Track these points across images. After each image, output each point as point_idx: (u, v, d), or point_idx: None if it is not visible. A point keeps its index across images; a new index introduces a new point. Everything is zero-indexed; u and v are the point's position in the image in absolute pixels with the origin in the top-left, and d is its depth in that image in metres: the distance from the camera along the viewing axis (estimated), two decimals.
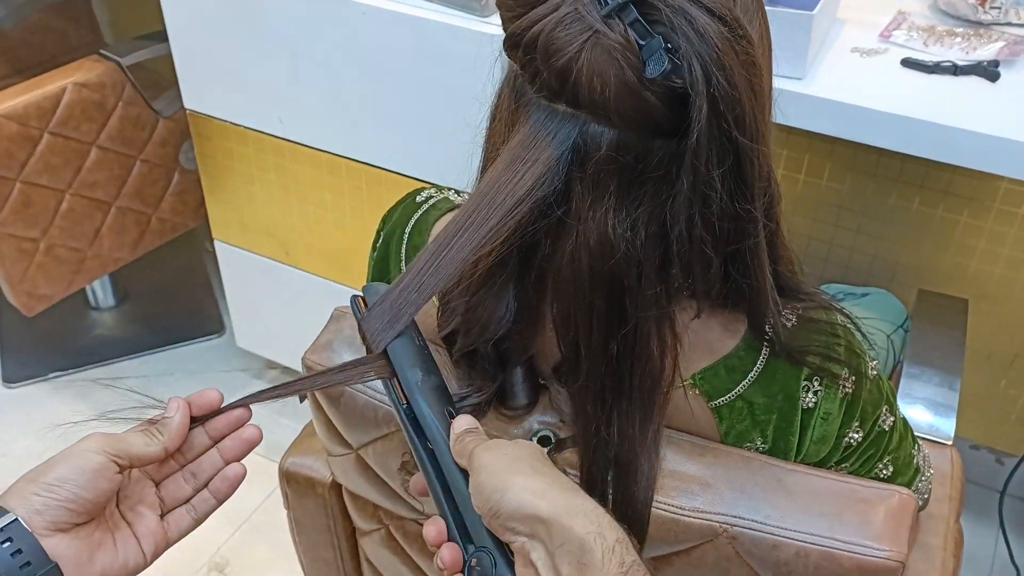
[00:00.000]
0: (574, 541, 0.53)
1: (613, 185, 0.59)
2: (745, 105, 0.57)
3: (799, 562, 0.65)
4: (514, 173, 0.61)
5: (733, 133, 0.57)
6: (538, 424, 0.72)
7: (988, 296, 1.53)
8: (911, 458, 0.81)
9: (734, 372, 0.69)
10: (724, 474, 0.68)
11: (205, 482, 0.68)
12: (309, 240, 1.66)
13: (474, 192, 0.63)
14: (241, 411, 0.68)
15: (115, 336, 2.15)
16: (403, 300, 0.65)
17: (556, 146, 0.59)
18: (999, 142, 1.01)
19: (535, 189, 0.60)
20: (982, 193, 1.45)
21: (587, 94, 0.56)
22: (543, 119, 0.60)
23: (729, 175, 0.59)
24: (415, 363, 0.65)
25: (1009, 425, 1.67)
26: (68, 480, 0.60)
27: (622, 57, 0.55)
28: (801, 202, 1.60)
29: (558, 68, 0.57)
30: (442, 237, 0.63)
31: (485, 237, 0.61)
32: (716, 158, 0.58)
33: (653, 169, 0.59)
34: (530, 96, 0.61)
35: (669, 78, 0.55)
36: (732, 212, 0.61)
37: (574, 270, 0.62)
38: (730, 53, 0.56)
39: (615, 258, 0.61)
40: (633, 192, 0.60)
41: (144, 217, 1.86)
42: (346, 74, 1.40)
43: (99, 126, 1.70)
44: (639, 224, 0.60)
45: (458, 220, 0.63)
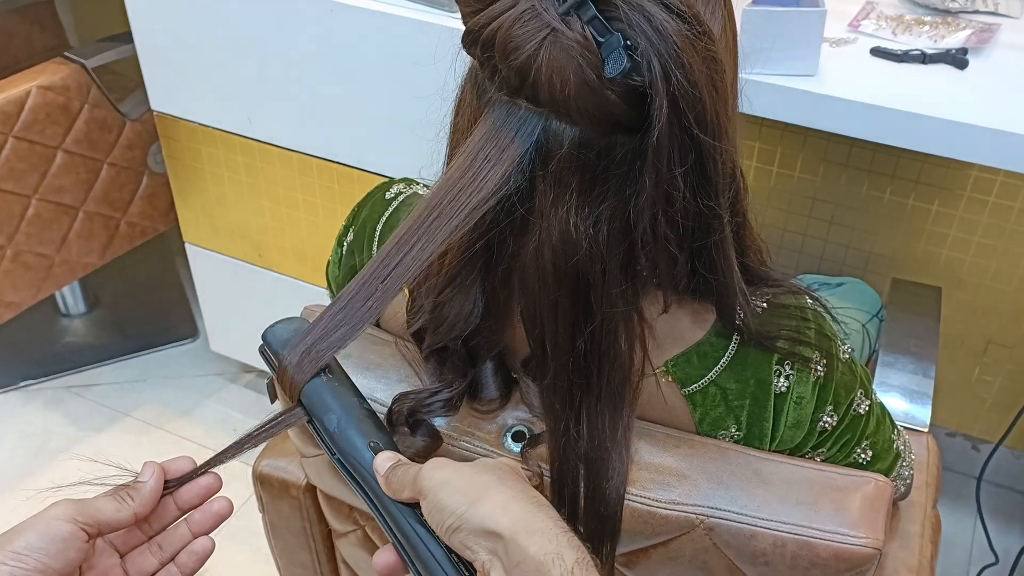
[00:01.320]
0: (530, 561, 0.52)
1: (575, 182, 0.59)
2: (706, 102, 0.57)
3: (776, 552, 0.65)
4: (476, 171, 0.60)
5: (694, 131, 0.57)
6: (512, 419, 0.71)
7: (960, 284, 1.54)
8: (891, 443, 0.81)
9: (706, 358, 0.68)
10: (700, 465, 0.67)
11: (172, 555, 0.66)
12: (282, 241, 1.65)
13: (435, 188, 0.62)
14: (212, 479, 0.66)
15: (86, 343, 2.13)
16: (324, 340, 0.63)
17: (519, 143, 0.58)
18: (968, 129, 1.01)
19: (498, 188, 0.59)
20: (952, 182, 1.46)
21: (547, 92, 0.56)
22: (504, 116, 0.59)
23: (692, 173, 0.59)
24: (329, 406, 0.62)
25: (984, 411, 1.68)
26: (36, 549, 0.58)
27: (580, 55, 0.54)
28: (774, 194, 1.60)
29: (517, 66, 0.56)
30: (389, 246, 0.62)
31: (445, 239, 0.60)
32: (678, 156, 0.57)
33: (616, 166, 0.58)
34: (491, 92, 0.60)
35: (629, 76, 0.54)
36: (696, 209, 0.60)
37: (538, 267, 0.62)
38: (690, 50, 0.55)
39: (578, 255, 0.60)
40: (596, 189, 0.59)
41: (113, 221, 1.84)
42: (315, 72, 1.39)
43: (65, 130, 1.68)
44: (602, 221, 0.59)
45: (415, 220, 0.61)
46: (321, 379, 0.63)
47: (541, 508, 0.55)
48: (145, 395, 1.99)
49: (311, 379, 0.63)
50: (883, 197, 1.52)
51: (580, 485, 0.67)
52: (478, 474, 0.57)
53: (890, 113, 1.04)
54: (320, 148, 1.48)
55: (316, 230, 1.59)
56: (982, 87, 1.08)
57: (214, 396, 1.98)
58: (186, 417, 1.94)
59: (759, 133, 1.55)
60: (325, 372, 0.63)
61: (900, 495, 0.88)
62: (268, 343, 0.67)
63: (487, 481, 0.56)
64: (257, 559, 1.62)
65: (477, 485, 0.56)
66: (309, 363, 0.63)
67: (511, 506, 0.54)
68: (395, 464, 0.60)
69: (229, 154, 1.58)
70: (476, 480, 0.56)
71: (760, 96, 1.08)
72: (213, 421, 1.92)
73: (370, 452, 0.61)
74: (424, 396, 0.71)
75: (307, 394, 0.63)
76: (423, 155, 0.82)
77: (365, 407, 0.64)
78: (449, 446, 0.71)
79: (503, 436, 0.70)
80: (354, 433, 0.62)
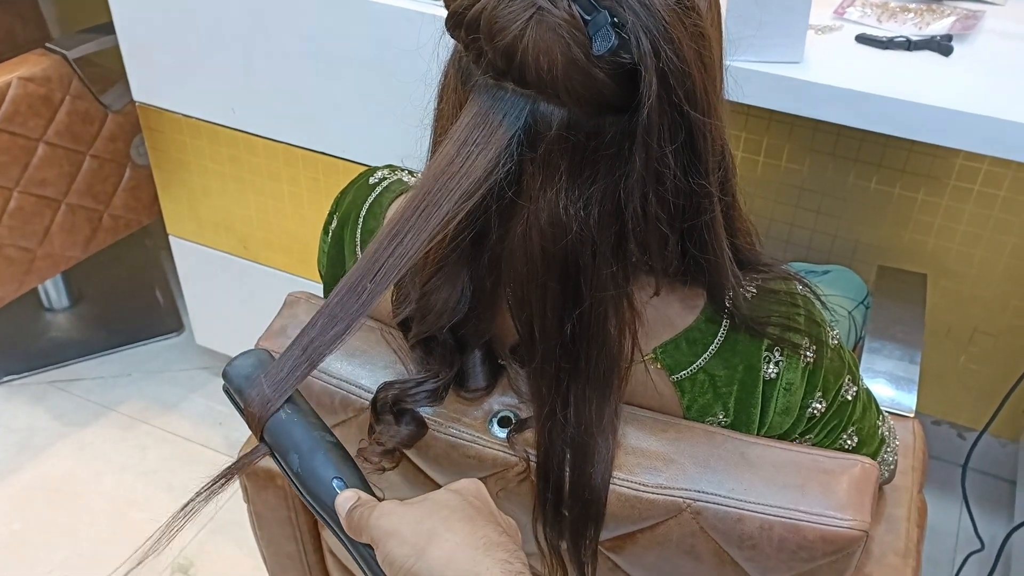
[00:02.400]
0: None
1: (564, 164, 0.58)
2: (695, 79, 0.56)
3: (763, 535, 0.65)
4: (465, 157, 0.59)
5: (684, 108, 0.56)
6: (498, 405, 0.71)
7: (946, 272, 1.55)
8: (876, 429, 0.81)
9: (695, 345, 0.68)
10: (687, 449, 0.67)
11: None
12: (267, 233, 1.64)
13: (423, 178, 0.61)
14: None
15: (70, 338, 2.11)
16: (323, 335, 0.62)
17: (507, 127, 0.58)
18: (953, 115, 1.01)
19: (487, 174, 0.58)
20: (938, 170, 1.46)
21: (534, 73, 0.55)
22: (491, 99, 0.58)
23: (682, 151, 0.58)
24: (291, 445, 0.61)
25: (970, 400, 1.69)
26: None
27: (568, 34, 0.53)
28: (762, 184, 1.60)
29: (503, 48, 0.55)
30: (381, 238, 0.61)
31: (436, 227, 0.59)
32: (668, 134, 0.57)
33: (605, 147, 0.58)
34: (476, 76, 0.59)
35: (617, 54, 0.54)
36: (687, 188, 0.60)
37: (526, 251, 0.61)
38: (678, 25, 0.55)
39: (567, 238, 0.59)
40: (586, 171, 0.58)
41: (96, 214, 1.82)
42: (299, 61, 1.38)
43: (46, 121, 1.66)
44: (592, 202, 0.59)
45: (406, 211, 0.60)
46: (282, 414, 0.62)
47: (489, 551, 0.55)
48: (130, 390, 1.98)
49: (271, 415, 0.62)
50: (869, 186, 1.52)
51: (566, 470, 0.66)
52: (426, 518, 0.56)
53: (875, 100, 1.04)
54: (305, 139, 1.47)
55: (302, 222, 1.58)
56: (966, 74, 1.08)
57: (200, 390, 1.97)
58: (172, 411, 1.92)
59: (745, 123, 1.55)
60: (286, 406, 0.62)
61: (885, 480, 0.88)
62: (230, 379, 0.65)
63: (432, 528, 0.56)
64: (244, 553, 1.61)
65: (423, 534, 0.55)
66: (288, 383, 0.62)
67: (456, 556, 0.54)
68: (353, 506, 0.59)
69: (213, 145, 1.57)
70: (422, 528, 0.56)
71: (746, 83, 1.08)
72: (199, 415, 1.91)
73: (334, 490, 0.60)
74: (410, 385, 0.71)
75: (269, 431, 0.62)
76: (409, 144, 0.82)
77: (328, 439, 0.62)
78: (435, 433, 0.71)
79: (489, 422, 0.70)
80: (318, 470, 0.61)
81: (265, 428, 0.62)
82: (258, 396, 0.63)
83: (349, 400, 0.73)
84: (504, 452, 0.69)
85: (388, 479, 0.75)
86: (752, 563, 0.66)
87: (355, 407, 0.73)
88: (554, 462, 0.66)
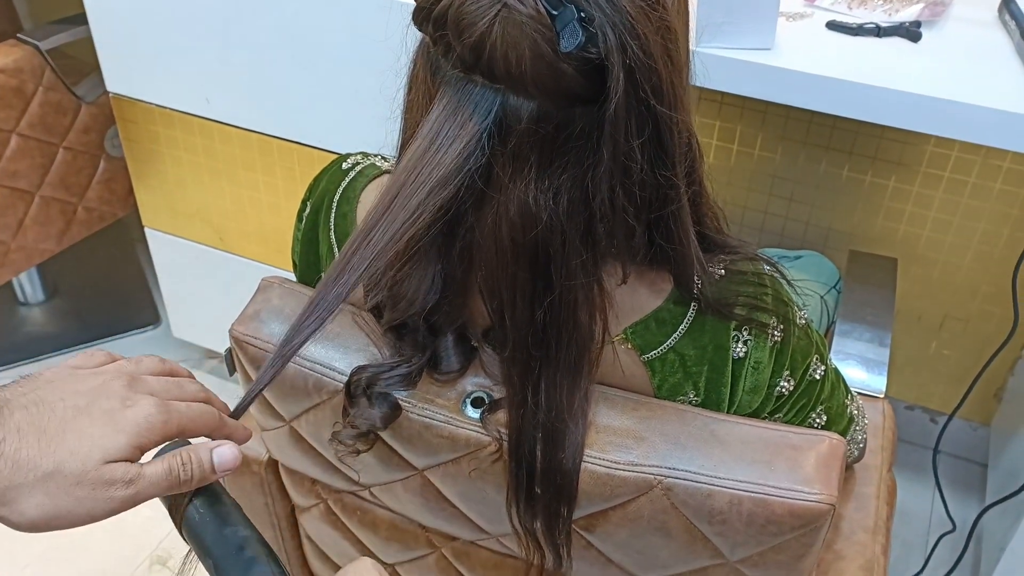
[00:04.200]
0: None
1: (534, 156, 0.59)
2: (662, 73, 0.57)
3: (733, 510, 0.66)
4: (436, 150, 0.60)
5: (651, 102, 0.57)
6: (471, 386, 0.71)
7: (917, 259, 1.57)
8: (844, 408, 0.82)
9: (664, 325, 0.69)
10: (658, 427, 0.68)
11: None
12: (243, 224, 1.63)
13: (397, 172, 0.62)
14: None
15: (46, 332, 2.09)
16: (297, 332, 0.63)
17: (476, 121, 0.58)
18: (921, 100, 1.02)
19: (459, 167, 0.59)
20: (909, 158, 1.48)
21: (503, 68, 0.56)
22: (460, 92, 0.59)
23: (649, 144, 0.59)
24: (203, 550, 0.61)
25: (941, 385, 1.71)
26: None
27: (535, 30, 0.54)
28: (735, 173, 1.62)
29: (470, 44, 0.56)
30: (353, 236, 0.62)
31: (408, 218, 0.60)
32: (635, 128, 0.57)
33: (575, 138, 0.58)
34: (445, 69, 0.59)
35: (584, 49, 0.54)
36: (653, 181, 0.61)
37: (496, 242, 0.62)
38: (644, 20, 0.55)
39: (537, 228, 0.60)
40: (556, 162, 0.59)
41: (70, 207, 1.81)
42: (274, 50, 1.37)
43: (19, 113, 1.65)
44: (561, 192, 0.60)
45: (378, 206, 0.61)
46: (195, 514, 0.61)
47: None
48: None
49: (185, 512, 0.62)
50: (841, 174, 1.54)
51: (537, 454, 0.67)
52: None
53: (845, 85, 1.05)
54: (280, 128, 1.46)
55: (278, 212, 1.58)
56: (935, 59, 1.09)
57: None
58: None
59: (719, 112, 1.56)
60: (198, 503, 0.62)
61: (854, 458, 0.89)
62: None
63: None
64: None
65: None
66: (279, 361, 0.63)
67: None
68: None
69: (187, 136, 1.56)
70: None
71: (717, 70, 1.09)
72: None
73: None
74: (383, 369, 0.71)
75: (187, 531, 0.62)
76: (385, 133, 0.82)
77: (241, 533, 0.61)
78: (408, 414, 0.71)
79: (462, 403, 0.71)
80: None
81: (183, 528, 0.62)
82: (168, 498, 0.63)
83: (323, 383, 0.73)
84: (477, 432, 0.69)
85: (363, 460, 0.76)
86: (722, 538, 0.67)
87: (329, 390, 0.73)
88: (526, 447, 0.67)
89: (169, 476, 0.59)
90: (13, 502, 0.54)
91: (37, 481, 0.54)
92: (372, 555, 0.89)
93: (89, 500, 0.55)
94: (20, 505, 0.54)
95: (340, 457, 0.76)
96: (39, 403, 0.57)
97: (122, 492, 0.56)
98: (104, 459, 0.56)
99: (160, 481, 0.58)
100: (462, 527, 0.78)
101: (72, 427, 0.56)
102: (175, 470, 0.59)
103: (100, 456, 0.56)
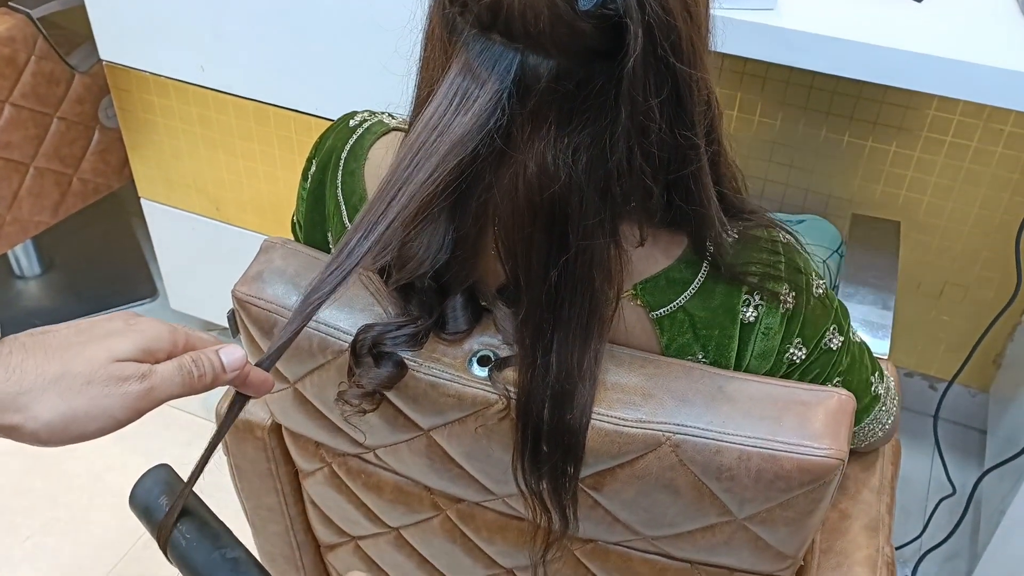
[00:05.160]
0: None
1: (553, 115, 0.58)
2: (681, 30, 0.56)
3: (741, 465, 0.65)
4: (456, 111, 0.59)
5: (670, 60, 0.56)
6: (478, 344, 0.71)
7: (918, 224, 1.56)
8: (868, 384, 0.81)
9: (675, 284, 0.68)
10: (665, 384, 0.68)
11: None
12: (240, 194, 1.62)
13: (417, 131, 0.61)
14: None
15: (43, 306, 2.09)
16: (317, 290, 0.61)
17: (496, 80, 0.58)
18: (925, 59, 1.02)
19: (480, 125, 0.58)
20: (910, 122, 1.47)
21: (521, 27, 0.55)
22: (479, 52, 0.58)
23: (668, 103, 0.58)
24: (190, 573, 0.60)
25: (941, 351, 1.71)
26: None
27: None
28: (735, 140, 1.60)
29: (488, 3, 0.55)
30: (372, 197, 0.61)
31: (427, 178, 0.60)
32: (654, 87, 0.57)
33: (594, 97, 0.58)
34: (462, 28, 0.59)
35: (603, 6, 0.54)
36: (672, 141, 0.60)
37: (512, 201, 0.61)
38: None
39: (554, 188, 0.59)
40: (574, 120, 0.58)
41: (64, 178, 1.80)
42: (269, 16, 1.36)
43: (11, 83, 1.63)
44: (580, 151, 0.59)
45: (400, 163, 0.61)
46: (181, 539, 0.61)
47: None
48: None
49: (170, 537, 0.61)
50: (842, 139, 1.53)
51: (544, 413, 0.66)
52: None
53: (849, 45, 1.04)
54: (276, 96, 1.45)
55: (275, 182, 1.57)
56: (938, 18, 1.09)
57: None
58: None
59: (719, 78, 1.55)
60: (183, 527, 0.61)
61: (877, 439, 0.88)
62: (137, 502, 0.65)
63: None
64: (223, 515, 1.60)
65: None
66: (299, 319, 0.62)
67: None
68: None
69: (182, 105, 1.55)
70: None
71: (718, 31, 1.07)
72: None
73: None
74: (390, 328, 0.70)
75: (173, 555, 0.61)
76: (383, 101, 0.81)
77: (230, 555, 0.61)
78: (414, 373, 0.71)
79: (469, 361, 0.70)
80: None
81: (168, 551, 0.61)
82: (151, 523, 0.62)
83: (328, 343, 0.73)
84: (484, 391, 0.69)
85: (368, 422, 0.75)
86: (730, 495, 0.67)
87: (333, 349, 0.73)
88: (534, 406, 0.67)
89: (181, 371, 0.58)
90: (26, 407, 0.53)
91: (48, 384, 0.54)
92: (376, 518, 0.89)
93: (103, 398, 0.55)
94: (34, 409, 0.53)
95: (346, 418, 0.75)
96: (44, 331, 0.58)
97: (136, 386, 0.56)
98: (112, 358, 0.55)
99: (173, 376, 0.58)
100: (467, 488, 0.78)
101: (76, 341, 0.56)
102: (186, 366, 0.59)
103: (107, 356, 0.55)
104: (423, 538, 0.87)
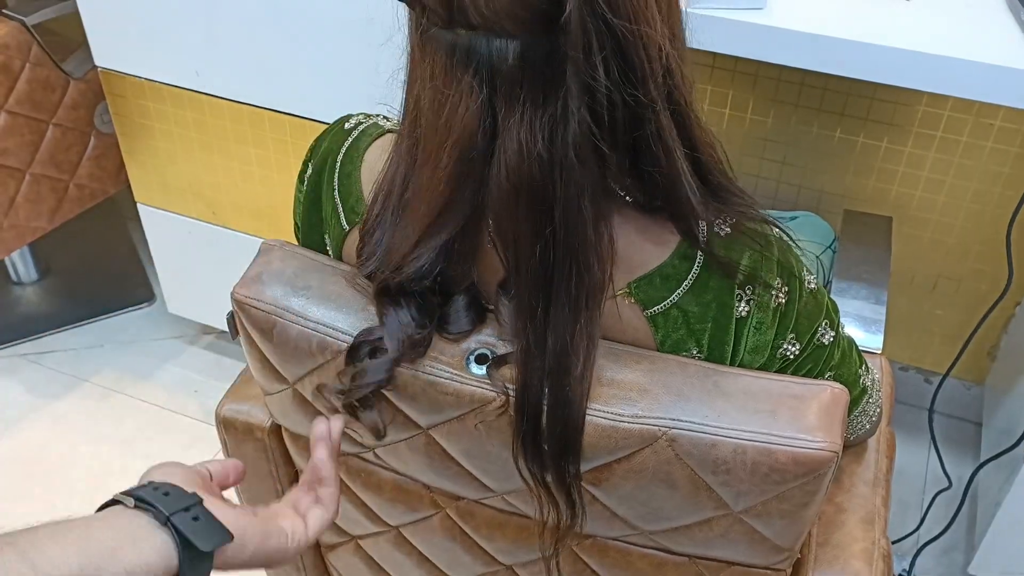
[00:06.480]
0: None
1: (526, 93, 0.59)
2: None
3: (737, 459, 0.66)
4: (442, 113, 0.61)
5: (608, 16, 0.57)
6: (475, 343, 0.71)
7: (910, 219, 1.57)
8: (857, 377, 0.82)
9: (669, 280, 0.69)
10: (661, 380, 0.68)
11: None
12: (236, 198, 1.63)
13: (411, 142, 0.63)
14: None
15: (40, 311, 2.09)
16: None
17: (471, 72, 0.59)
18: (915, 56, 1.03)
19: (476, 120, 0.60)
20: (901, 118, 1.48)
21: (475, 12, 0.57)
22: (447, 48, 0.60)
23: (612, 60, 0.59)
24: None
25: (935, 345, 1.72)
26: None
27: None
28: (727, 137, 1.62)
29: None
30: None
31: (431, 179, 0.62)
32: (596, 44, 0.58)
33: (558, 68, 0.59)
34: (429, 29, 0.60)
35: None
36: (621, 100, 0.61)
37: (498, 187, 0.62)
38: None
39: (533, 165, 0.60)
40: (546, 95, 0.60)
41: (61, 184, 1.80)
42: (263, 21, 1.36)
43: (6, 90, 1.63)
44: (550, 126, 0.60)
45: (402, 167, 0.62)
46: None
47: None
48: (103, 360, 1.97)
49: None
50: (833, 136, 1.54)
51: (543, 403, 0.67)
52: None
53: (839, 43, 1.05)
54: (271, 100, 1.46)
55: (270, 185, 1.57)
56: (927, 16, 1.10)
57: (173, 359, 1.96)
58: (146, 381, 1.92)
59: (711, 76, 1.56)
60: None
61: (866, 432, 0.89)
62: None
63: None
64: None
65: None
66: None
67: None
68: None
69: (177, 110, 1.55)
70: None
71: (710, 30, 1.08)
72: (173, 384, 1.91)
73: None
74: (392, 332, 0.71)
75: None
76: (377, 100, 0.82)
77: None
78: (413, 372, 0.71)
79: (466, 360, 0.71)
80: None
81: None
82: None
83: (327, 343, 0.74)
84: (482, 388, 0.70)
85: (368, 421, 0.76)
86: (726, 488, 0.68)
87: (332, 350, 0.73)
88: (532, 396, 0.67)
89: None
90: None
91: None
92: (376, 517, 0.89)
93: None
94: None
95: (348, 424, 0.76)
96: None
97: None
98: None
99: None
100: (467, 486, 0.79)
101: None
102: None
103: None
104: (423, 536, 0.88)
